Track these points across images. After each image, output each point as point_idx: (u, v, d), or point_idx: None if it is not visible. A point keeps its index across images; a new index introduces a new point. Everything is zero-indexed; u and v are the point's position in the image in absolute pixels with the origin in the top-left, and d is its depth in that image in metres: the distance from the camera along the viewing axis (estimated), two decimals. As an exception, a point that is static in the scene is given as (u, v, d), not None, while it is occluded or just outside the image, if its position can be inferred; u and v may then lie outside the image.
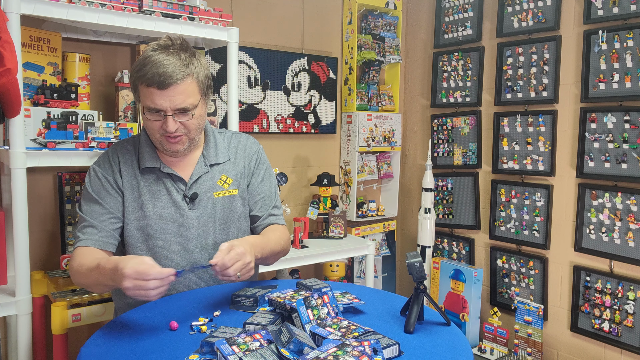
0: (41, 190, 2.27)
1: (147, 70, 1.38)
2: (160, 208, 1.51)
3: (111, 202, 1.50)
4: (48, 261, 2.29)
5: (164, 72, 1.37)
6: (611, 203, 2.48)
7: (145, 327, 1.27)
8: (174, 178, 1.54)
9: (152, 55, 1.40)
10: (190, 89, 1.42)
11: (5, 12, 1.69)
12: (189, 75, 1.41)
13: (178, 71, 1.39)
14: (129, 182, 1.52)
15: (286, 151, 3.06)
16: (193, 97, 1.43)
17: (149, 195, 1.52)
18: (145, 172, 1.53)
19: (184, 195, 1.54)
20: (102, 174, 1.51)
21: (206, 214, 1.55)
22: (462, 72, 3.13)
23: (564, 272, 2.70)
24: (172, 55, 1.40)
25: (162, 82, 1.37)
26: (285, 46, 3.00)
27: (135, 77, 1.43)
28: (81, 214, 1.50)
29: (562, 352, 2.73)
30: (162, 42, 1.45)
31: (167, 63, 1.38)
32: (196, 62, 1.45)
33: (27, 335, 1.86)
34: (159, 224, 1.51)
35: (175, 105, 1.41)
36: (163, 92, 1.39)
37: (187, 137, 1.48)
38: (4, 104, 1.62)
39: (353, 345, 1.02)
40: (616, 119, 2.44)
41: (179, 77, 1.39)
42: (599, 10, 2.48)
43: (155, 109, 1.41)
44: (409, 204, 3.54)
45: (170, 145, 1.48)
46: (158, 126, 1.44)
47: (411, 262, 1.27)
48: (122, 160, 1.54)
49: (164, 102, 1.40)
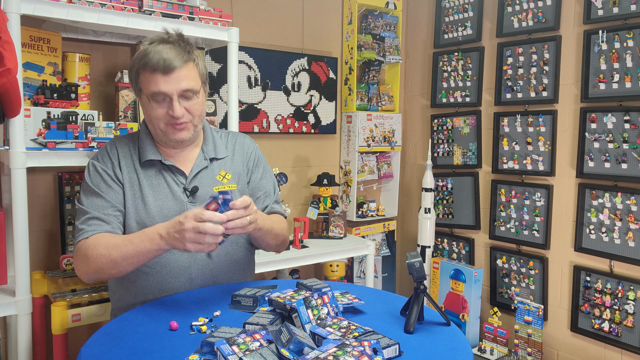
0: (41, 190, 2.27)
1: (150, 58, 1.43)
2: (160, 201, 1.52)
3: (113, 195, 1.50)
4: (48, 261, 2.29)
5: (168, 57, 1.42)
6: (611, 203, 2.48)
7: (145, 327, 1.27)
8: (174, 171, 1.55)
9: (151, 46, 1.45)
10: (192, 73, 1.48)
11: (5, 12, 1.69)
12: (191, 60, 1.48)
13: (181, 56, 1.45)
14: (129, 175, 1.53)
15: (286, 151, 3.06)
16: (195, 81, 1.49)
17: (149, 188, 1.52)
18: (146, 166, 1.54)
19: (184, 188, 1.55)
20: (101, 168, 1.52)
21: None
22: (462, 72, 3.13)
23: (564, 272, 2.70)
24: (172, 44, 1.47)
25: (168, 66, 1.42)
26: (285, 46, 3.00)
27: (137, 65, 1.46)
28: (83, 208, 1.48)
29: (562, 352, 2.73)
30: (159, 36, 1.50)
31: (170, 50, 1.44)
32: (196, 52, 1.51)
33: (27, 335, 1.86)
34: (159, 217, 1.51)
35: (181, 87, 1.45)
36: (168, 77, 1.43)
37: (191, 123, 1.51)
38: (4, 104, 1.62)
39: (353, 345, 1.02)
40: (616, 119, 2.44)
41: (183, 61, 1.45)
42: (599, 10, 2.47)
43: (160, 94, 1.45)
44: (409, 204, 3.54)
45: (175, 133, 1.50)
46: (163, 113, 1.47)
47: (411, 262, 1.27)
48: (122, 153, 1.55)
49: (169, 86, 1.44)
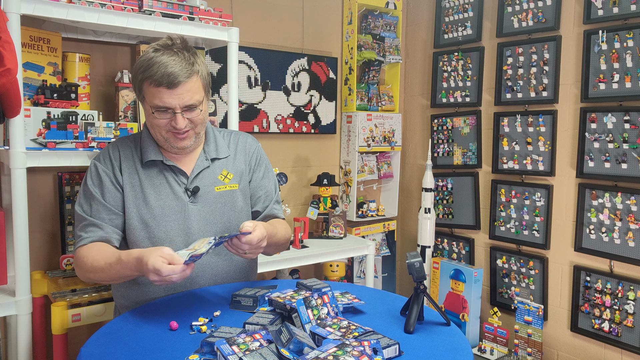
0: (41, 190, 2.27)
1: (154, 71, 1.42)
2: (162, 201, 1.53)
3: (111, 197, 1.52)
4: (48, 261, 2.30)
5: (172, 71, 1.41)
6: (611, 203, 2.48)
7: (145, 327, 1.27)
8: (175, 171, 1.56)
9: (156, 56, 1.43)
10: (196, 86, 1.47)
11: (5, 12, 1.69)
12: (195, 73, 1.47)
13: (185, 70, 1.44)
14: (130, 177, 1.54)
15: (286, 151, 3.06)
16: (199, 93, 1.49)
17: (150, 188, 1.54)
18: (148, 166, 1.55)
19: (185, 188, 1.56)
20: (102, 170, 1.54)
21: (207, 208, 1.57)
22: (462, 72, 3.13)
23: (564, 272, 2.70)
24: (176, 55, 1.45)
25: (172, 81, 1.42)
26: (285, 46, 3.00)
27: (141, 77, 1.45)
28: (82, 214, 1.51)
29: (562, 352, 2.73)
30: (163, 42, 1.49)
31: (174, 63, 1.43)
32: (199, 61, 1.50)
33: (27, 335, 1.86)
34: (161, 217, 1.53)
35: (184, 102, 1.45)
36: (172, 91, 1.43)
37: (193, 131, 1.52)
38: (4, 104, 1.62)
39: (353, 345, 1.02)
40: (616, 119, 2.44)
41: (187, 76, 1.44)
42: (599, 10, 2.47)
43: (163, 108, 1.45)
44: (409, 204, 3.54)
45: (177, 141, 1.51)
46: (165, 123, 1.48)
47: (411, 262, 1.27)
48: (123, 155, 1.56)
49: (173, 100, 1.44)
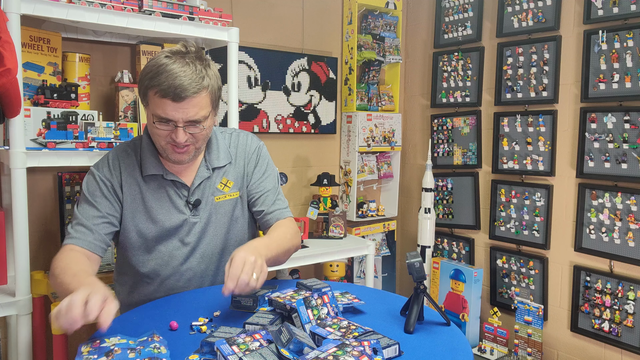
0: (41, 190, 2.27)
1: (161, 80, 1.34)
2: (162, 215, 1.50)
3: (106, 206, 1.48)
4: (48, 261, 2.28)
5: (180, 84, 1.34)
6: (611, 203, 2.48)
7: (145, 327, 1.27)
8: (177, 185, 1.53)
9: (167, 64, 1.36)
10: (204, 102, 1.40)
11: (5, 12, 1.69)
12: (204, 88, 1.39)
13: (194, 84, 1.36)
14: (130, 188, 1.50)
15: (286, 151, 3.06)
16: (205, 109, 1.41)
17: (151, 201, 1.50)
18: (148, 179, 1.52)
19: (186, 201, 1.53)
20: (100, 177, 1.49)
21: (207, 219, 1.55)
22: (462, 72, 3.13)
23: (564, 272, 2.70)
24: (187, 66, 1.37)
25: (178, 94, 1.34)
26: (285, 46, 3.00)
27: (147, 84, 1.38)
28: (75, 212, 1.48)
29: (562, 352, 2.73)
30: (177, 49, 1.41)
31: (184, 75, 1.35)
32: (211, 73, 1.42)
33: (27, 335, 1.86)
34: (161, 230, 1.50)
35: (188, 117, 1.38)
36: (177, 105, 1.36)
37: (193, 146, 1.46)
38: (4, 104, 1.62)
39: (353, 345, 1.02)
40: (616, 119, 2.44)
41: (195, 91, 1.36)
42: (599, 10, 2.47)
43: (165, 119, 1.39)
44: (409, 204, 3.54)
45: (175, 155, 1.46)
46: (166, 134, 1.42)
47: (411, 262, 1.27)
48: (124, 166, 1.52)
49: (176, 113, 1.37)
